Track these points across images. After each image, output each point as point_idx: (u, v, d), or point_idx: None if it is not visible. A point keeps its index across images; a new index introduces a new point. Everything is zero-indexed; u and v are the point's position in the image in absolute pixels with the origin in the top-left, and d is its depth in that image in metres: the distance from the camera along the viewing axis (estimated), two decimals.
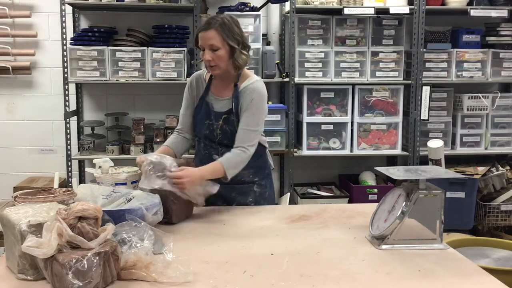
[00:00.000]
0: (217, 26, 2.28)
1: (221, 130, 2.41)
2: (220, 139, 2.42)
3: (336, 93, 4.10)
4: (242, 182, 2.45)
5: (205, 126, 2.44)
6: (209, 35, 2.28)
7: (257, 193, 2.51)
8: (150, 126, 4.11)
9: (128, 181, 2.33)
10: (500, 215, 4.07)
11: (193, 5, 3.85)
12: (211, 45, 2.28)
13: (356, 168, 4.41)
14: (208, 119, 2.43)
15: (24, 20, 4.13)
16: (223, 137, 2.41)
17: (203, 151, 2.49)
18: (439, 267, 1.71)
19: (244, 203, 2.48)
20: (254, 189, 2.50)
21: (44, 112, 4.20)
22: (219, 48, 2.28)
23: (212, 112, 2.42)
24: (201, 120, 2.45)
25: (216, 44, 2.28)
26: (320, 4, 3.97)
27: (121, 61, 3.86)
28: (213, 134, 2.43)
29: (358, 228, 2.11)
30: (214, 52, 2.29)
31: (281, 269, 1.68)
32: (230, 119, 2.39)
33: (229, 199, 2.47)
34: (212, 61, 2.30)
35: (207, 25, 2.30)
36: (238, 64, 2.34)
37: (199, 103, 2.48)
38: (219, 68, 2.33)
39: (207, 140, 2.46)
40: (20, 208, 1.69)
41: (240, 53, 2.32)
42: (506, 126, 4.28)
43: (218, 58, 2.30)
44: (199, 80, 2.51)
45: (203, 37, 2.30)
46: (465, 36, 4.17)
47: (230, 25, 2.30)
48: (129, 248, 1.60)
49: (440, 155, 3.28)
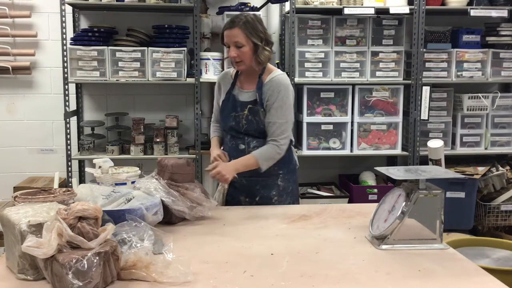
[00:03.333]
0: (241, 24, 2.41)
1: (246, 120, 2.50)
2: (246, 129, 2.52)
3: (336, 93, 4.10)
4: (267, 175, 2.51)
5: (231, 118, 2.54)
6: (234, 33, 2.41)
7: (281, 187, 2.57)
8: (150, 126, 4.11)
9: (128, 181, 2.32)
10: (500, 215, 4.07)
11: (193, 5, 3.85)
12: (236, 42, 2.41)
13: (356, 168, 4.41)
14: (234, 111, 2.54)
15: (24, 20, 4.13)
16: (248, 127, 2.51)
17: (229, 142, 2.60)
18: (439, 267, 1.71)
19: (268, 196, 2.55)
20: (278, 182, 2.56)
21: (44, 112, 4.20)
22: (243, 45, 2.42)
23: (238, 103, 2.54)
24: (228, 113, 2.57)
25: (240, 41, 2.41)
26: (320, 4, 3.97)
27: (121, 61, 3.86)
28: (238, 125, 2.53)
29: (358, 228, 2.11)
30: (239, 49, 2.42)
31: (281, 269, 1.68)
32: (255, 109, 2.49)
33: (253, 192, 2.55)
34: (237, 57, 2.44)
35: (231, 23, 2.43)
36: (260, 60, 2.46)
37: (225, 98, 2.61)
38: (244, 64, 2.46)
39: (233, 131, 2.57)
40: (20, 208, 1.69)
41: (263, 49, 2.45)
42: (506, 126, 4.28)
43: (242, 54, 2.43)
44: (226, 77, 2.66)
45: (228, 35, 2.44)
46: (465, 36, 4.17)
47: (254, 23, 2.44)
48: (129, 248, 1.60)
49: (440, 155, 3.27)
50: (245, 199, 2.56)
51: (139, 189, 2.12)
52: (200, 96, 3.95)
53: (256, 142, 2.52)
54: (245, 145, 2.53)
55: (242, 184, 2.53)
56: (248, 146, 2.53)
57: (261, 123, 2.48)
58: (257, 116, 2.49)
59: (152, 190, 2.10)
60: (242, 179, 2.50)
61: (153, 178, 2.18)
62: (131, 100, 4.27)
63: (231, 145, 2.59)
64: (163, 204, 2.06)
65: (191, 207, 2.15)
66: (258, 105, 2.49)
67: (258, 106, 2.49)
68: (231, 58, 2.47)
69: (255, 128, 2.50)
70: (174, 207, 2.09)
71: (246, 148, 2.53)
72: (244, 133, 2.53)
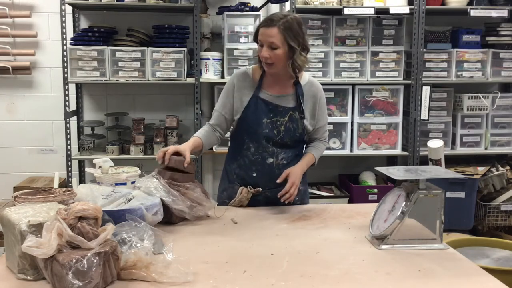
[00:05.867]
0: (281, 24, 2.21)
1: (285, 127, 2.35)
2: (282, 137, 2.36)
3: (336, 93, 4.10)
4: None
5: (264, 124, 2.34)
6: (271, 33, 2.21)
7: (302, 191, 2.50)
8: (150, 126, 4.11)
9: (128, 181, 2.32)
10: (500, 215, 4.07)
11: (193, 5, 3.85)
12: (271, 43, 2.22)
13: (356, 168, 4.41)
14: (267, 117, 2.34)
15: (24, 20, 4.13)
16: (285, 134, 2.36)
17: (253, 156, 2.39)
18: (439, 267, 1.71)
19: (292, 203, 2.39)
20: (300, 187, 2.40)
21: (44, 112, 4.20)
22: (278, 47, 2.22)
23: (276, 108, 2.35)
24: (258, 119, 2.35)
25: (276, 43, 2.21)
26: (320, 4, 3.97)
27: (121, 61, 3.86)
28: (273, 132, 2.35)
29: (358, 228, 2.11)
30: (272, 50, 2.23)
31: (281, 269, 1.68)
32: (295, 116, 2.36)
33: (275, 202, 2.39)
34: (269, 59, 2.24)
35: (270, 21, 2.23)
36: (297, 66, 2.28)
37: (250, 102, 2.36)
38: (275, 67, 2.28)
39: (263, 141, 2.36)
40: (20, 208, 1.69)
41: (299, 54, 2.27)
42: (506, 126, 4.28)
43: (275, 57, 2.24)
44: (246, 79, 2.41)
45: (264, 33, 2.23)
46: (465, 36, 4.17)
47: (294, 25, 2.23)
48: (129, 248, 1.60)
49: (440, 155, 3.27)
50: None
51: (139, 189, 2.12)
52: (200, 96, 3.95)
53: (284, 154, 2.39)
54: (273, 158, 2.36)
55: (266, 196, 2.41)
56: (277, 158, 2.38)
57: (297, 131, 2.36)
58: (295, 123, 2.36)
59: (152, 189, 2.10)
60: (265, 191, 2.41)
61: (153, 178, 2.17)
62: (131, 100, 4.27)
63: (255, 158, 2.38)
64: (163, 203, 2.05)
65: (191, 207, 2.15)
66: (297, 112, 2.36)
67: (297, 113, 2.36)
68: (262, 58, 2.27)
69: (291, 136, 2.36)
70: (174, 207, 2.09)
71: (274, 161, 2.37)
72: (277, 142, 2.36)
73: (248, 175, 2.41)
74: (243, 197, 2.42)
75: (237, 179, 2.46)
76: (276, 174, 2.36)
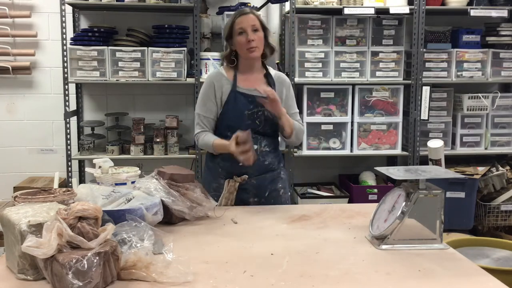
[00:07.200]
0: (254, 12, 2.49)
1: (265, 116, 2.48)
2: (263, 127, 2.49)
3: (336, 93, 4.10)
4: (272, 170, 2.57)
5: (246, 117, 2.47)
6: (251, 18, 2.46)
7: (284, 179, 2.64)
8: (150, 126, 4.11)
9: (128, 181, 2.32)
10: (500, 215, 4.07)
11: (193, 5, 3.85)
12: (253, 26, 2.44)
13: (356, 168, 4.41)
14: (248, 109, 2.47)
15: (24, 20, 4.13)
16: (265, 123, 2.49)
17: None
18: (439, 267, 1.71)
19: (275, 189, 2.58)
20: (281, 175, 2.62)
21: (44, 112, 4.20)
22: (258, 29, 2.45)
23: (255, 98, 2.44)
24: (240, 113, 2.48)
25: (257, 25, 2.45)
26: (320, 4, 3.97)
27: (121, 61, 3.86)
28: (255, 123, 2.48)
29: (358, 228, 2.10)
30: (256, 33, 2.44)
31: (281, 269, 1.68)
32: None
33: (262, 189, 2.55)
34: (254, 42, 2.43)
35: (243, 11, 2.49)
36: (272, 46, 2.54)
37: (229, 99, 2.50)
38: (259, 50, 2.47)
39: None
40: (20, 208, 1.69)
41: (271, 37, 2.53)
42: (506, 126, 4.28)
43: (259, 39, 2.45)
44: (221, 78, 2.54)
45: (245, 20, 2.45)
46: (465, 36, 4.17)
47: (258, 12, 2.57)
48: (129, 248, 1.60)
49: (440, 155, 3.27)
50: (253, 199, 2.55)
51: (139, 189, 2.12)
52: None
53: (266, 141, 2.52)
54: (257, 145, 2.48)
55: (252, 184, 2.52)
56: (260, 145, 2.50)
57: (275, 118, 2.44)
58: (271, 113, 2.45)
59: (152, 190, 2.10)
60: (251, 179, 2.51)
61: (153, 178, 2.18)
62: (131, 100, 4.27)
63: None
64: (163, 204, 2.05)
65: (191, 207, 2.15)
66: None
67: None
68: (245, 45, 2.42)
69: (270, 124, 2.49)
70: (174, 207, 2.09)
71: (258, 148, 2.49)
72: (259, 131, 2.49)
73: (233, 165, 2.45)
74: (231, 187, 2.49)
75: (222, 172, 2.55)
76: (260, 160, 2.49)
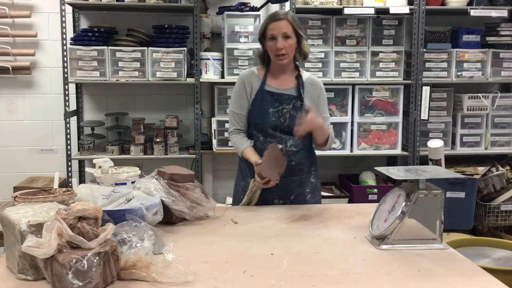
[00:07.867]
0: (288, 17, 2.46)
1: (290, 115, 2.48)
2: (288, 124, 2.47)
3: (336, 93, 4.10)
4: (301, 173, 2.55)
5: (271, 114, 2.48)
6: (283, 25, 2.43)
7: (313, 184, 2.61)
8: (150, 126, 4.11)
9: (128, 181, 2.32)
10: (500, 215, 4.07)
11: (193, 5, 3.85)
12: (285, 33, 2.42)
13: (356, 168, 4.41)
14: (273, 107, 2.49)
15: (24, 20, 4.13)
16: (291, 121, 2.46)
17: (261, 145, 2.50)
18: (439, 267, 1.71)
19: (302, 193, 2.57)
20: (311, 179, 2.60)
21: (44, 112, 4.20)
22: (290, 36, 2.43)
23: (281, 96, 2.49)
24: (265, 110, 2.50)
25: (288, 33, 2.43)
26: (320, 4, 3.97)
27: (121, 61, 3.86)
28: (280, 120, 2.48)
29: (358, 228, 2.11)
30: (286, 40, 2.43)
31: (281, 269, 1.68)
32: (297, 104, 2.49)
33: (287, 192, 2.53)
34: (284, 49, 2.43)
35: (277, 16, 2.47)
36: (304, 52, 2.52)
37: (256, 96, 2.53)
38: (288, 57, 2.47)
39: (270, 129, 2.49)
40: (20, 208, 1.69)
41: (305, 42, 2.51)
42: (506, 126, 4.28)
43: (289, 46, 2.45)
44: (253, 76, 2.58)
45: (276, 27, 2.44)
46: (465, 36, 4.17)
47: (295, 17, 2.51)
48: (129, 248, 1.60)
49: (440, 155, 3.27)
50: (278, 201, 2.53)
51: (139, 189, 2.12)
52: (200, 96, 3.95)
53: (292, 141, 2.49)
54: (282, 144, 2.46)
55: (278, 185, 2.43)
56: (286, 145, 2.48)
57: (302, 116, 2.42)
58: (298, 111, 2.45)
59: (152, 190, 2.10)
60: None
61: (153, 178, 2.18)
62: (131, 100, 4.27)
63: (264, 147, 2.44)
64: (163, 204, 2.05)
65: (191, 207, 2.15)
66: (300, 101, 2.49)
67: (299, 101, 2.49)
68: (274, 51, 2.44)
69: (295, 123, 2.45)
70: (174, 207, 2.09)
71: (284, 148, 2.47)
72: (284, 129, 2.48)
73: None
74: (254, 186, 2.47)
75: (249, 172, 2.54)
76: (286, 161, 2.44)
